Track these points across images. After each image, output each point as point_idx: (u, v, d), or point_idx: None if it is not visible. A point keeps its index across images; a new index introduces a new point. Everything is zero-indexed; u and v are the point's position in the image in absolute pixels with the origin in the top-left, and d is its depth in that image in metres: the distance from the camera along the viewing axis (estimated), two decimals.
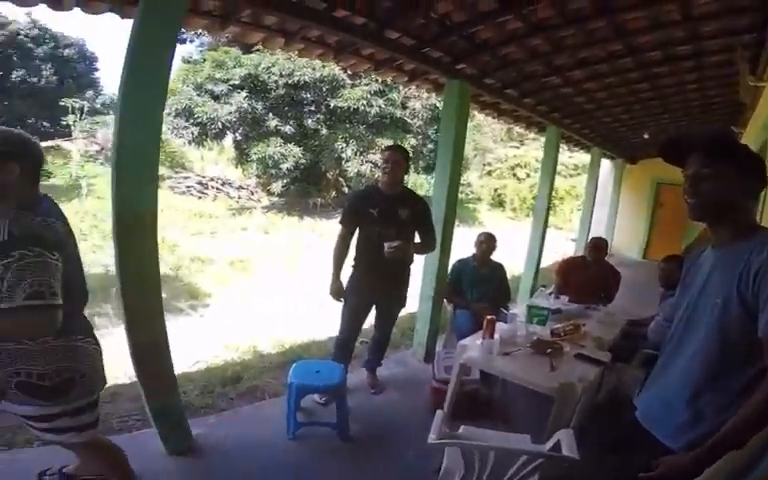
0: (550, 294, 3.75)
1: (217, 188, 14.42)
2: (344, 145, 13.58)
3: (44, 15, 24.24)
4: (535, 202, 6.71)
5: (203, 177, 14.53)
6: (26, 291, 1.39)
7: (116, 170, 2.06)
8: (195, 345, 4.40)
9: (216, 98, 13.08)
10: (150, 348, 2.29)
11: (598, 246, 4.04)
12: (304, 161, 13.47)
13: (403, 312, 3.34)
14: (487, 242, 3.74)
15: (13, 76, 20.45)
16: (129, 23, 2.43)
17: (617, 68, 3.93)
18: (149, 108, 2.07)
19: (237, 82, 13.16)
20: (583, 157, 13.98)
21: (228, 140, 14.89)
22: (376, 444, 2.74)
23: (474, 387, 2.93)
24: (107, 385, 1.79)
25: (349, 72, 13.33)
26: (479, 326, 2.90)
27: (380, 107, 13.83)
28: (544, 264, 6.45)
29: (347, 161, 13.65)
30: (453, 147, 3.76)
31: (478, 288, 3.70)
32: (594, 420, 2.46)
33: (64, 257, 1.52)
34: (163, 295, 2.39)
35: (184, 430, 2.52)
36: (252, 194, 14.98)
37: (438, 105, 14.62)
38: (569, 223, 15.50)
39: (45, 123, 19.35)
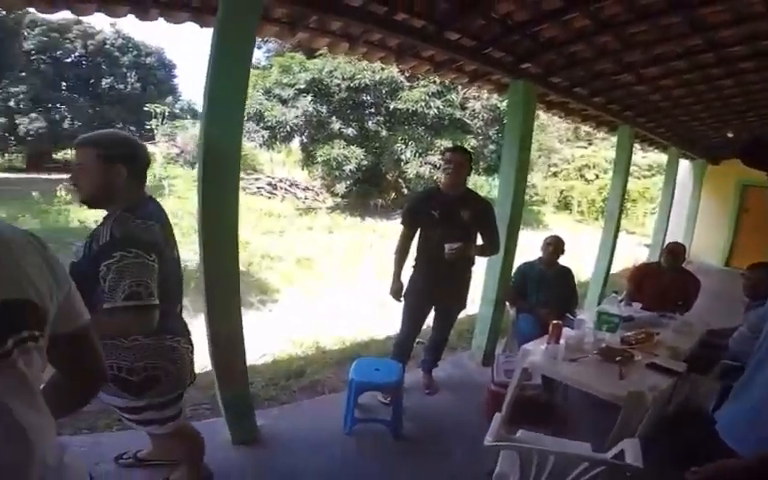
0: (621, 301, 3.58)
1: (285, 189, 15.08)
2: (403, 146, 13.69)
3: (127, 25, 26.48)
4: (605, 204, 6.39)
5: (272, 178, 15.23)
6: (125, 292, 1.44)
7: (202, 171, 2.18)
8: (263, 339, 4.60)
9: (284, 102, 13.61)
10: (227, 340, 2.39)
11: (675, 252, 3.79)
12: (366, 163, 13.72)
13: (462, 314, 3.32)
14: (554, 245, 3.63)
15: (103, 83, 22.53)
16: (202, 31, 2.61)
17: (696, 64, 3.65)
18: (231, 112, 2.18)
19: (303, 86, 13.62)
20: (658, 157, 13.12)
21: (295, 143, 15.50)
22: (428, 444, 2.75)
23: (535, 392, 2.87)
24: None
25: (407, 74, 13.42)
26: (543, 331, 2.84)
27: (438, 108, 13.80)
28: (614, 270, 6.13)
29: (406, 163, 13.75)
30: (519, 148, 3.67)
31: (543, 292, 3.59)
32: (662, 431, 2.33)
33: (161, 259, 1.56)
34: None
35: (251, 421, 2.63)
36: (317, 195, 15.50)
37: (500, 105, 14.34)
38: (642, 227, 14.60)
39: (131, 127, 21.08)
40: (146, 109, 18.14)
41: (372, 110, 14.41)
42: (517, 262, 3.88)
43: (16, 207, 10.39)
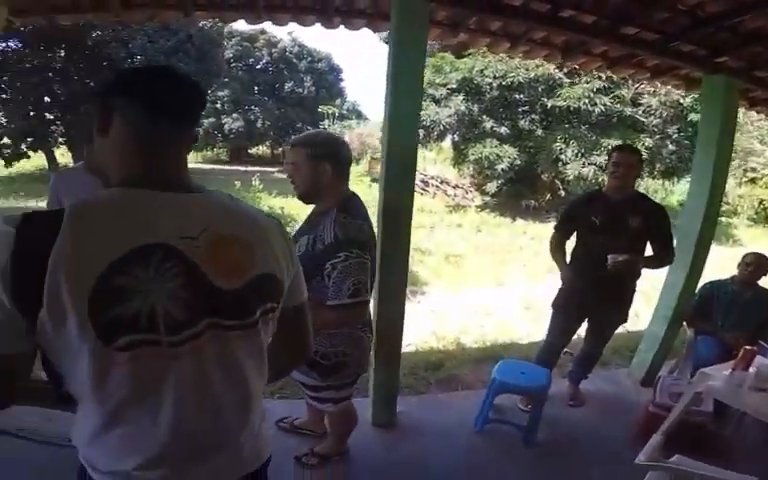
0: None
1: (436, 186, 15.48)
2: (563, 146, 12.83)
3: (301, 33, 29.66)
4: None
5: (425, 175, 15.70)
6: (349, 289, 1.58)
7: (385, 167, 2.35)
8: (409, 329, 4.86)
9: (437, 102, 13.87)
10: (390, 325, 2.52)
11: None
12: (519, 162, 13.28)
13: (620, 329, 3.07)
14: (756, 263, 3.12)
15: (285, 87, 25.75)
16: (359, 35, 2.89)
17: None
18: (409, 112, 2.32)
19: (454, 86, 13.69)
20: None
21: (447, 141, 15.76)
22: (561, 455, 2.62)
23: (702, 419, 2.55)
24: None
25: (565, 70, 12.52)
26: (726, 357, 2.55)
27: (605, 105, 12.64)
28: None
29: (566, 163, 12.87)
30: (716, 152, 3.12)
31: (734, 315, 3.12)
32: None
33: (372, 256, 1.71)
34: None
35: (393, 406, 2.74)
36: (466, 193, 15.54)
37: (683, 101, 12.53)
38: None
39: (308, 127, 23.78)
40: (319, 110, 20.22)
41: (526, 108, 13.84)
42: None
43: None
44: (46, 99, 14.72)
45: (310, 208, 1.86)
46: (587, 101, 12.60)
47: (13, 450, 1.89)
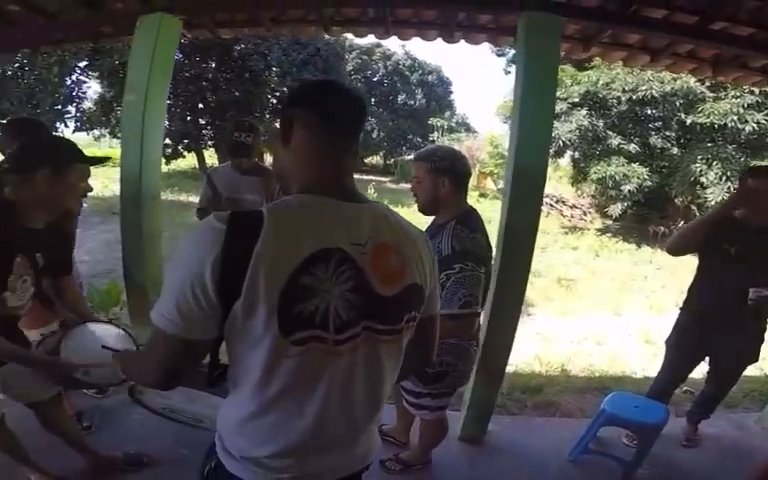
0: None
1: (551, 205, 14.77)
2: (704, 167, 11.31)
3: (413, 47, 30.23)
4: None
5: None
6: (461, 300, 1.61)
7: (511, 184, 2.31)
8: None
9: (556, 116, 13.22)
10: (499, 344, 2.49)
11: None
12: (649, 183, 12.09)
13: (754, 370, 2.71)
14: None
15: (398, 99, 26.47)
16: (466, 46, 2.85)
17: None
18: (539, 130, 2.28)
19: (576, 100, 12.92)
20: None
21: (566, 158, 14.92)
22: None
23: None
24: None
25: (707, 83, 11.08)
26: None
27: (758, 123, 10.88)
28: None
29: (706, 187, 11.32)
30: None
31: None
32: None
33: (486, 270, 1.73)
34: None
35: (485, 422, 2.69)
36: (585, 214, 14.59)
37: None
38: None
39: (418, 139, 24.20)
40: (429, 123, 20.41)
41: (659, 124, 12.60)
42: None
43: None
44: (200, 106, 17.04)
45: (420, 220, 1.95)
46: (735, 118, 10.96)
47: (150, 428, 2.18)
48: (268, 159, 5.26)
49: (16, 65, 10.17)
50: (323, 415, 0.87)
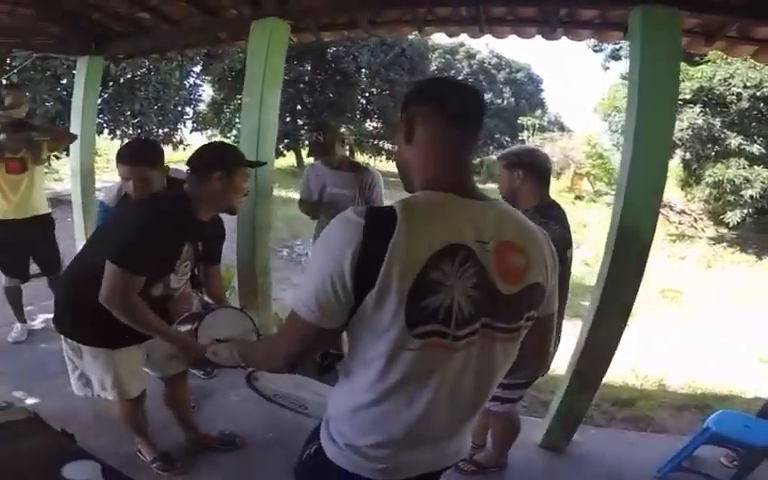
0: None
1: None
2: None
3: (499, 45, 29.16)
4: None
5: None
6: None
7: (626, 185, 2.18)
8: None
9: None
10: (601, 348, 2.39)
11: None
12: None
13: None
14: None
15: (485, 98, 25.93)
16: (558, 44, 2.75)
17: None
18: (659, 131, 2.15)
19: (688, 96, 11.64)
20: None
21: (675, 159, 13.56)
22: None
23: None
24: None
25: None
26: None
27: None
28: None
29: None
30: None
31: None
32: None
33: (565, 263, 1.71)
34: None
35: (570, 431, 2.58)
36: (695, 221, 13.19)
37: None
38: None
39: (506, 139, 23.50)
40: (519, 122, 19.74)
41: None
42: None
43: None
44: (298, 107, 18.07)
45: None
46: None
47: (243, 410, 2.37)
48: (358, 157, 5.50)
49: (143, 70, 11.56)
50: (429, 410, 0.87)
